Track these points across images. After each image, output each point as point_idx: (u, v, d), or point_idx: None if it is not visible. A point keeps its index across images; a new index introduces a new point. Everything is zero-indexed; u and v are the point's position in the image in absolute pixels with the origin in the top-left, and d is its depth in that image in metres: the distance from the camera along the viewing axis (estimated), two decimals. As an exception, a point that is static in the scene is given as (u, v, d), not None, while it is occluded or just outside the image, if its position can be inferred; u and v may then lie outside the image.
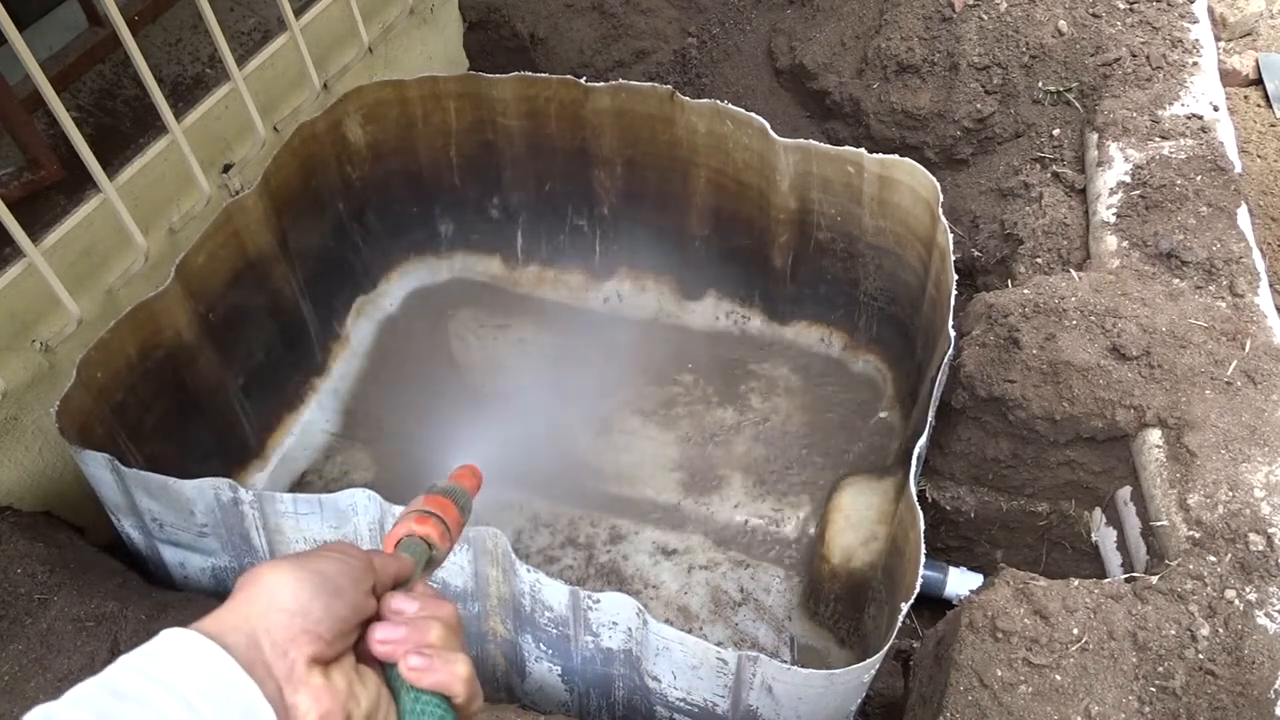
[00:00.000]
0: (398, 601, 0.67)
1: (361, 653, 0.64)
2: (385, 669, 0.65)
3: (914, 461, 1.47)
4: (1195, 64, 2.04)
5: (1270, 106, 2.99)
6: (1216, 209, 1.78)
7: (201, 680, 0.54)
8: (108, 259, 1.83)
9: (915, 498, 1.43)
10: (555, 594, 1.41)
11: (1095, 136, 2.00)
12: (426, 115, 2.31)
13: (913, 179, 1.91)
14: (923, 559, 1.35)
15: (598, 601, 1.37)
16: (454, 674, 0.64)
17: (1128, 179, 1.88)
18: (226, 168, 2.05)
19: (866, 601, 1.78)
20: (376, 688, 0.63)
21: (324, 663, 0.59)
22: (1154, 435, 1.53)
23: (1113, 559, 1.65)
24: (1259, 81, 3.07)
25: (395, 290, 2.51)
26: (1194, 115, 1.94)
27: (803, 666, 1.29)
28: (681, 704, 1.47)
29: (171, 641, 0.55)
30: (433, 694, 0.64)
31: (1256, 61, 3.10)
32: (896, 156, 1.92)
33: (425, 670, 0.63)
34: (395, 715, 0.64)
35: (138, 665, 0.54)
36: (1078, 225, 1.93)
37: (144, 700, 0.52)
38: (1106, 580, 1.37)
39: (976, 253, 2.13)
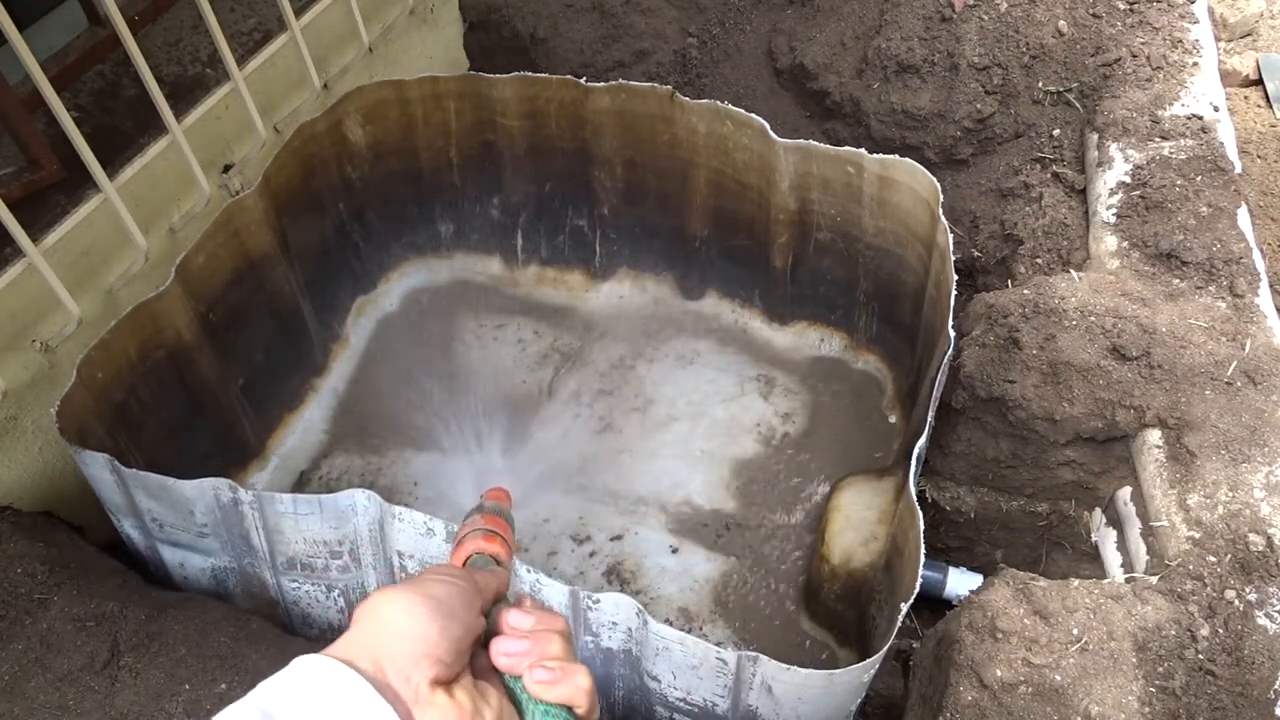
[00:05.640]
0: (515, 617, 0.70)
1: (477, 669, 0.67)
2: (505, 681, 0.67)
3: (914, 461, 1.47)
4: (1195, 64, 2.04)
5: (1270, 107, 2.99)
6: (1216, 209, 1.78)
7: (339, 703, 0.57)
8: (108, 259, 1.83)
9: (915, 498, 1.43)
10: (555, 594, 1.41)
11: (1095, 137, 2.00)
12: (427, 115, 2.31)
13: (913, 179, 1.91)
14: (922, 559, 1.35)
15: (597, 601, 1.37)
16: (578, 686, 0.66)
17: (1128, 179, 1.87)
18: (227, 168, 2.05)
19: (866, 601, 1.78)
20: (498, 700, 0.65)
21: (445, 683, 0.62)
22: (1154, 435, 1.53)
23: (1113, 559, 1.65)
24: (1259, 82, 3.06)
25: (395, 290, 2.51)
26: (1194, 116, 1.94)
27: (802, 666, 1.29)
28: (681, 704, 1.47)
29: (308, 667, 0.58)
30: (557, 706, 0.66)
31: (1256, 62, 3.10)
32: (896, 157, 1.92)
33: (551, 684, 0.66)
34: None
35: (280, 689, 0.57)
36: (1078, 225, 1.93)
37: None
38: (1106, 580, 1.37)
39: (976, 253, 2.13)
